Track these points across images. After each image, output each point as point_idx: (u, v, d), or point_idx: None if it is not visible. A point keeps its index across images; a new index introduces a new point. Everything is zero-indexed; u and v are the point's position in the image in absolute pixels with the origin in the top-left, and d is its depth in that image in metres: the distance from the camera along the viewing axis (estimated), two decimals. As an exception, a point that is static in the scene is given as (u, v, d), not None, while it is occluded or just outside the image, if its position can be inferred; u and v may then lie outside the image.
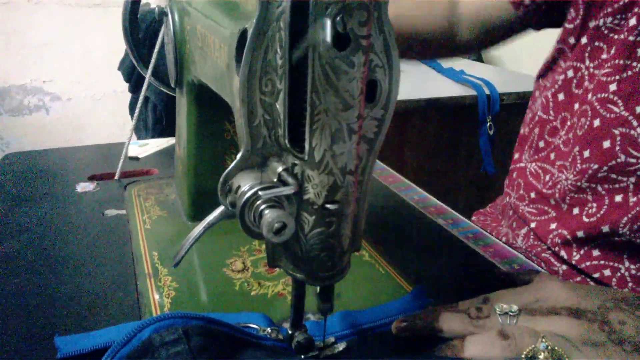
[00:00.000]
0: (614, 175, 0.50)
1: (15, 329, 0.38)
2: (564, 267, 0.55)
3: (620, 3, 0.50)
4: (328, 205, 0.27)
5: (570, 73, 0.56)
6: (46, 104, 1.78)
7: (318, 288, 0.31)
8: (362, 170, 0.29)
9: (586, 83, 0.53)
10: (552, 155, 0.57)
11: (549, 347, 0.32)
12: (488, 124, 1.19)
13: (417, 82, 1.35)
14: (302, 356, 0.33)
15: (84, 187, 0.62)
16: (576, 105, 0.54)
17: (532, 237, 0.59)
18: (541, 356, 0.31)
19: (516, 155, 0.64)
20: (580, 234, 0.53)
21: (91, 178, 0.65)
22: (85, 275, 0.45)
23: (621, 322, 0.33)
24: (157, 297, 0.41)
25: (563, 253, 0.55)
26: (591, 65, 0.53)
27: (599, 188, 0.52)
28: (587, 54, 0.53)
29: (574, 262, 0.54)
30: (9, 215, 0.55)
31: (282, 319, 0.39)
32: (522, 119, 0.66)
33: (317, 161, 0.26)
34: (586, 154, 0.52)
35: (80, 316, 0.40)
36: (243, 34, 0.28)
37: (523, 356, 0.32)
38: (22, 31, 1.65)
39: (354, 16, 0.23)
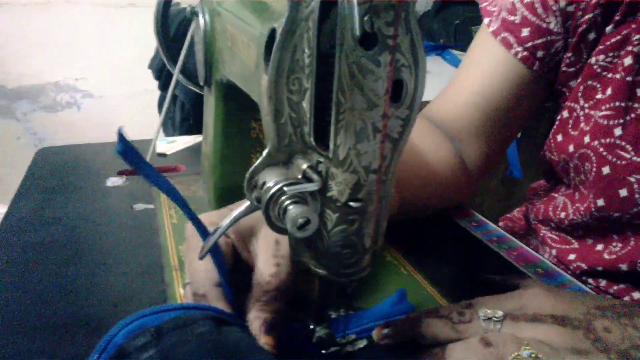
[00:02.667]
0: (637, 222, 0.49)
1: (45, 316, 0.40)
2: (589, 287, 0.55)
3: (613, 40, 0.47)
4: (351, 203, 0.28)
5: (565, 114, 0.53)
6: (78, 101, 1.83)
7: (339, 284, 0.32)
8: (386, 170, 0.29)
9: (582, 124, 0.51)
10: (577, 195, 0.54)
11: (533, 355, 0.31)
12: (515, 128, 1.17)
13: (443, 82, 1.34)
14: (323, 351, 0.34)
15: (113, 181, 0.64)
16: (571, 147, 0.51)
17: (555, 260, 0.58)
18: None
19: (550, 184, 0.62)
20: (599, 269, 0.53)
21: (121, 173, 0.66)
22: (114, 266, 0.46)
23: (606, 329, 0.32)
24: (182, 290, 0.42)
25: (590, 280, 0.54)
26: (586, 105, 0.50)
27: (626, 230, 0.51)
28: (580, 94, 0.51)
29: (601, 287, 0.54)
30: (43, 206, 0.57)
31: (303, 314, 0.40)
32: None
33: (342, 159, 0.27)
34: (600, 202, 0.50)
35: (108, 305, 0.41)
36: (272, 33, 0.29)
37: None
38: (57, 30, 1.70)
39: (381, 16, 0.24)
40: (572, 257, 0.55)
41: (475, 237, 0.54)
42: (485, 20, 0.56)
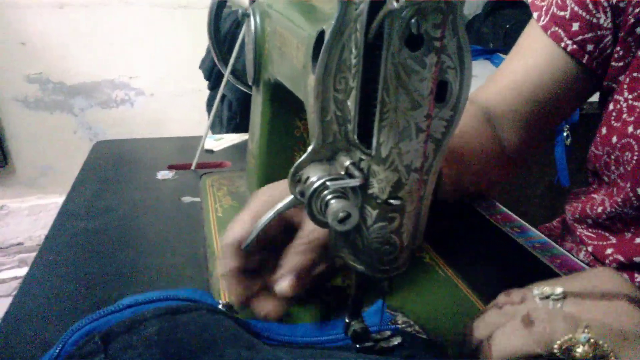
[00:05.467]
0: None
1: (95, 298, 0.42)
2: None
3: None
4: (391, 201, 0.28)
5: (610, 106, 0.53)
6: (131, 98, 1.91)
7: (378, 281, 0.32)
8: (428, 169, 0.30)
9: (624, 115, 0.51)
10: (615, 190, 0.54)
11: (592, 340, 0.26)
12: (565, 134, 1.14)
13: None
14: (358, 345, 0.34)
15: (163, 174, 0.67)
16: (614, 139, 0.51)
17: (591, 258, 0.58)
18: (579, 350, 0.26)
19: (595, 186, 0.62)
20: (637, 259, 0.52)
21: (170, 167, 0.69)
22: (161, 254, 0.49)
23: None
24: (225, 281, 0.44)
25: (626, 276, 0.53)
26: (629, 97, 0.50)
27: None
28: (625, 86, 0.51)
29: (637, 283, 0.52)
30: (98, 196, 0.61)
31: (338, 310, 0.41)
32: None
33: (384, 157, 0.27)
34: None
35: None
36: (321, 34, 0.30)
37: (556, 348, 0.26)
38: (115, 30, 1.78)
39: (428, 18, 0.24)
40: (609, 251, 0.55)
41: (518, 243, 0.53)
42: (535, 15, 0.58)
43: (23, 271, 1.81)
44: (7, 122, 1.79)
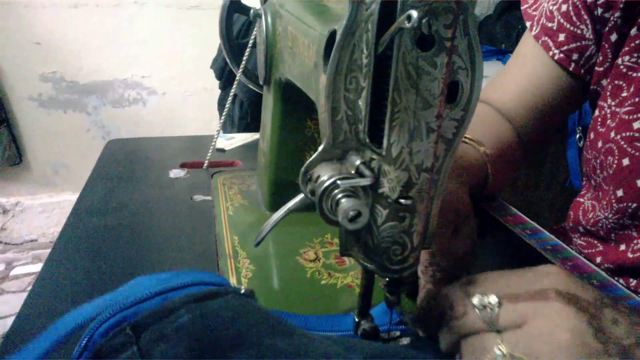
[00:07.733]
0: None
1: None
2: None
3: (637, 42, 0.50)
4: (402, 200, 0.28)
5: (596, 112, 0.56)
6: (143, 97, 1.92)
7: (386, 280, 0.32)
8: (438, 170, 0.30)
9: (608, 121, 0.53)
10: (600, 194, 0.56)
11: (507, 354, 0.28)
12: (578, 136, 1.13)
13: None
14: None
15: (175, 173, 0.68)
16: (599, 143, 0.54)
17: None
18: None
19: (583, 191, 0.64)
20: (624, 266, 0.53)
21: (182, 165, 0.70)
22: (173, 251, 0.49)
23: (614, 321, 0.29)
24: (235, 279, 0.44)
25: (621, 281, 0.54)
26: (612, 103, 0.53)
27: None
28: (608, 93, 0.53)
29: (632, 287, 0.53)
30: (111, 193, 0.62)
31: (348, 309, 0.41)
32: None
33: (394, 157, 0.28)
34: (619, 193, 0.51)
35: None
36: (332, 34, 0.30)
37: None
38: (128, 30, 1.80)
39: (439, 18, 0.24)
40: (598, 259, 0.56)
41: (529, 245, 0.53)
42: (527, 24, 0.63)
43: (37, 267, 1.84)
44: (22, 121, 1.82)
